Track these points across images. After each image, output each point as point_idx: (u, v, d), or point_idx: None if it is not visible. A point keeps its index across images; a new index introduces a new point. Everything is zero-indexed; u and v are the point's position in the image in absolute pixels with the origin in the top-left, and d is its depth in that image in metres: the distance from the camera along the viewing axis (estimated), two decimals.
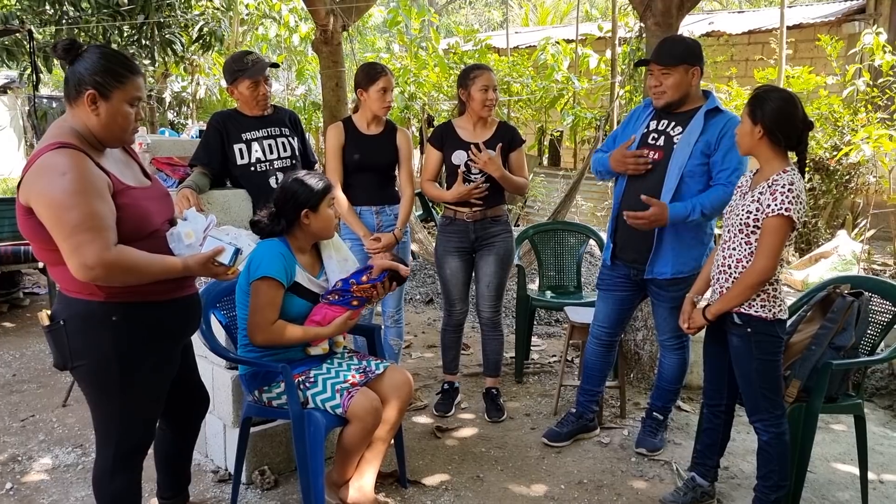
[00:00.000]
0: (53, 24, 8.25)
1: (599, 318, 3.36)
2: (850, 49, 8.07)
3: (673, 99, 3.03)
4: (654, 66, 3.03)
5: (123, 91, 1.99)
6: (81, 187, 1.86)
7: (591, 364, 3.40)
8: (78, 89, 1.97)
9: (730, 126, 2.94)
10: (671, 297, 3.11)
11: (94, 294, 2.00)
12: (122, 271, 1.91)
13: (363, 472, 2.69)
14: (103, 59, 1.98)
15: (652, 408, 3.38)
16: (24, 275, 6.11)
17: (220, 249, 2.07)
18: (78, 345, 2.03)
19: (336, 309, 2.68)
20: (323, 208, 2.67)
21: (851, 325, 2.75)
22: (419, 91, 9.22)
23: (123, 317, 2.03)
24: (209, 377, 3.09)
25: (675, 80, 2.99)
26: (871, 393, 4.04)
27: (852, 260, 6.26)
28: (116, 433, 2.12)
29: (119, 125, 2.02)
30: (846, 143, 6.80)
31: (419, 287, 6.50)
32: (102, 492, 2.17)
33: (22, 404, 3.85)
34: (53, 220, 1.86)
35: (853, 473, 3.11)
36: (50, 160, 1.88)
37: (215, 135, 3.37)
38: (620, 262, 3.22)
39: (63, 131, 1.97)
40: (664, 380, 3.33)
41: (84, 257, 1.85)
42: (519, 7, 21.24)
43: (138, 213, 2.03)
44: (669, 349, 3.28)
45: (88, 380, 2.09)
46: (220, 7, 9.53)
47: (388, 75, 3.51)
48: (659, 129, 3.10)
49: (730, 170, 2.94)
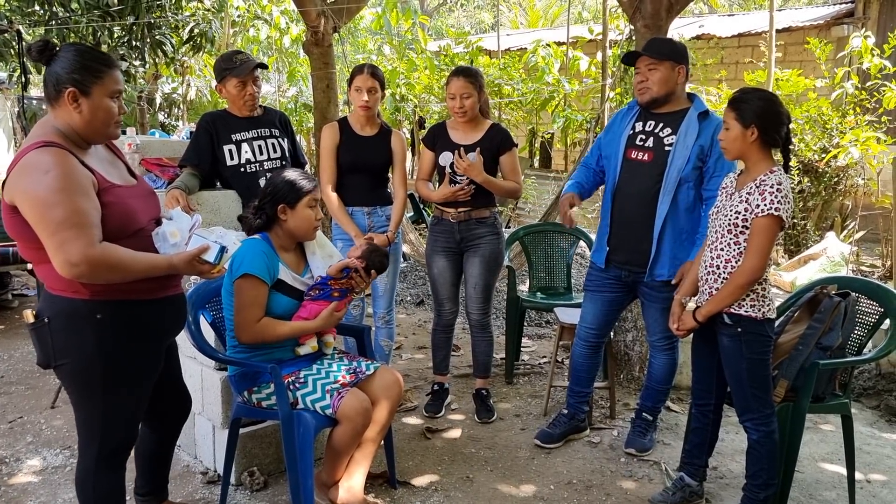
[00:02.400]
0: (43, 24, 8.19)
1: (587, 319, 3.36)
2: (839, 52, 8.13)
3: (658, 95, 3.03)
4: (641, 59, 3.03)
5: (102, 86, 2.00)
6: (65, 185, 1.87)
7: (579, 365, 3.41)
8: (57, 89, 1.97)
9: (719, 130, 2.96)
10: (663, 298, 3.12)
11: (78, 292, 1.99)
12: (107, 268, 1.91)
13: (353, 472, 2.69)
14: (78, 56, 1.99)
15: (641, 408, 3.39)
16: (12, 276, 6.07)
17: (205, 247, 2.07)
18: (61, 343, 2.03)
19: (320, 303, 2.68)
20: (301, 207, 2.65)
21: (838, 325, 2.77)
22: (410, 93, 9.22)
23: (108, 315, 2.03)
24: (198, 378, 3.09)
25: (661, 75, 3.00)
26: (858, 393, 4.06)
27: (841, 262, 6.30)
28: (100, 433, 2.11)
29: (102, 120, 2.02)
30: (835, 145, 6.85)
31: (410, 289, 6.50)
32: (86, 493, 2.16)
33: (10, 406, 3.83)
34: (38, 217, 1.87)
35: (840, 473, 3.13)
36: (34, 158, 1.89)
37: (205, 135, 3.36)
38: (614, 265, 3.22)
39: (47, 130, 1.98)
40: (654, 380, 3.33)
41: (68, 254, 1.85)
42: (509, 10, 21.29)
43: (123, 210, 2.03)
44: (660, 350, 3.29)
45: (72, 378, 2.09)
46: (210, 8, 9.50)
47: (364, 75, 3.47)
48: (646, 130, 3.10)
49: (721, 176, 2.93)
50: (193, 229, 2.12)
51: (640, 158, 3.08)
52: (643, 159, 3.07)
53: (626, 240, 3.14)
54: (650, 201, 3.05)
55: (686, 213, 3.06)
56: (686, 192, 3.03)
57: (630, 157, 3.12)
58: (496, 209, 3.69)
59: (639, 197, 3.08)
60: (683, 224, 3.06)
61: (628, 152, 3.12)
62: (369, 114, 3.55)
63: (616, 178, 3.15)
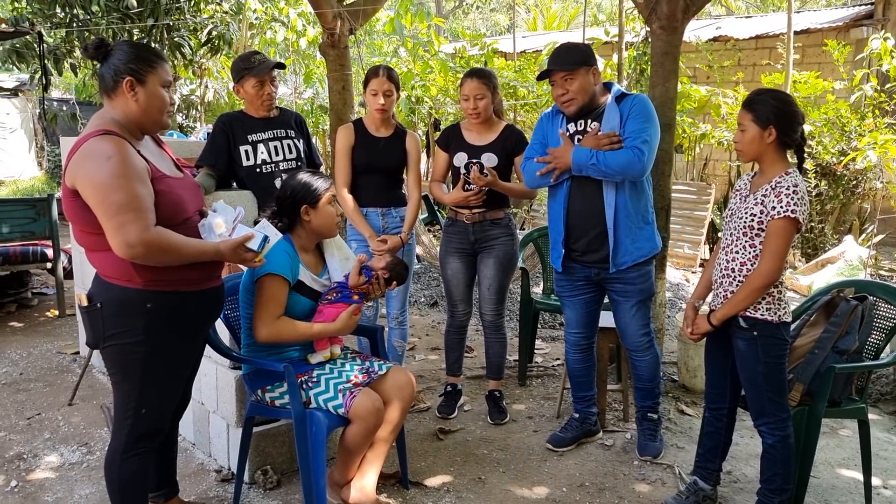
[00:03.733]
0: (63, 26, 8.30)
1: (571, 324, 3.37)
2: (858, 54, 8.06)
3: (583, 102, 3.05)
4: (556, 74, 3.04)
5: (156, 75, 2.16)
6: (125, 171, 2.00)
7: (577, 371, 3.41)
8: (115, 79, 2.12)
9: (636, 102, 3.02)
10: (633, 290, 3.14)
11: (131, 281, 2.12)
12: (161, 251, 2.03)
13: (365, 472, 2.70)
14: (133, 49, 2.16)
15: (642, 409, 3.37)
16: (32, 275, 6.15)
17: (249, 236, 2.20)
18: (112, 327, 2.15)
19: (338, 306, 2.70)
20: (323, 205, 2.69)
21: (855, 328, 2.75)
22: (425, 95, 9.23)
23: (156, 305, 2.15)
24: (213, 377, 3.11)
25: (580, 83, 3.02)
26: (875, 398, 4.02)
27: (859, 265, 6.24)
28: (133, 415, 2.22)
29: (157, 107, 2.17)
30: (853, 148, 6.78)
31: (423, 290, 6.51)
32: (112, 473, 2.26)
33: (28, 402, 3.88)
34: (99, 200, 1.99)
35: (857, 479, 3.10)
36: (95, 146, 2.02)
37: (222, 136, 3.40)
38: (577, 264, 3.22)
39: (105, 121, 2.12)
40: (643, 380, 3.31)
41: (127, 236, 1.97)
42: (527, 11, 21.25)
43: (173, 199, 2.16)
44: (641, 349, 3.25)
45: (115, 360, 2.20)
46: (228, 11, 9.58)
47: (380, 78, 3.49)
48: (579, 129, 3.13)
49: (634, 134, 2.96)
50: (237, 221, 2.23)
51: None
52: None
53: (583, 237, 3.14)
54: (598, 195, 3.06)
55: (634, 196, 3.07)
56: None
57: None
58: (510, 210, 3.69)
59: (587, 193, 3.09)
60: (634, 207, 3.07)
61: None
62: (385, 116, 3.56)
63: (568, 184, 3.13)
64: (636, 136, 2.96)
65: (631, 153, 2.94)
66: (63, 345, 4.86)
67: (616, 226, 3.07)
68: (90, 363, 4.07)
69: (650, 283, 3.20)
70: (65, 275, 5.64)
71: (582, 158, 2.99)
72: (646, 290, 3.18)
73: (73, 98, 13.51)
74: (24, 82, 14.74)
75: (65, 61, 8.66)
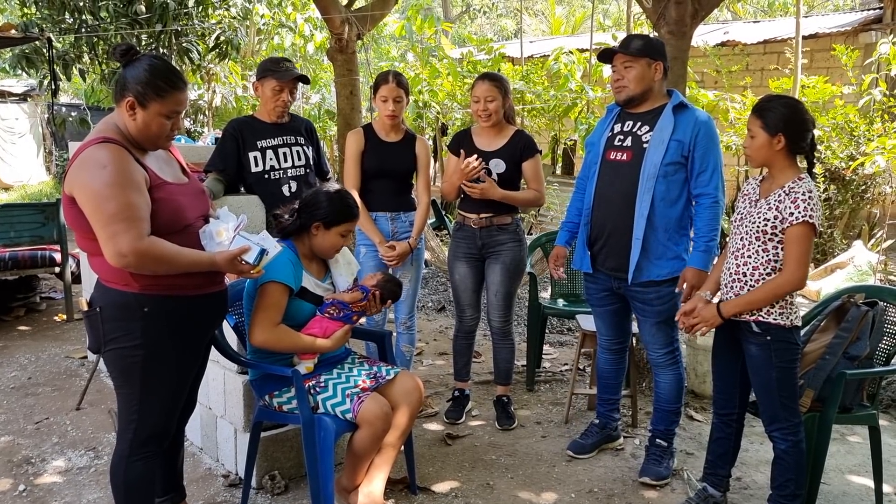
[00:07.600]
0: (73, 32, 8.35)
1: (601, 330, 3.34)
2: (867, 59, 8.01)
3: (635, 93, 2.96)
4: (616, 56, 2.97)
5: (161, 104, 2.12)
6: (119, 180, 2.00)
7: (605, 372, 3.38)
8: (121, 93, 2.12)
9: (702, 124, 2.90)
10: (655, 306, 3.02)
11: (129, 285, 2.12)
12: (153, 260, 2.03)
13: (373, 477, 2.69)
14: (149, 71, 2.11)
15: (654, 434, 3.19)
16: (40, 279, 6.17)
17: (246, 248, 2.17)
18: (111, 331, 2.15)
19: (337, 324, 2.70)
20: (334, 232, 2.69)
21: (866, 334, 2.73)
22: (433, 100, 9.25)
23: (154, 308, 2.14)
24: (220, 381, 3.11)
25: (637, 72, 2.93)
26: (886, 405, 3.99)
27: (868, 270, 6.21)
28: (137, 418, 2.22)
29: (154, 133, 2.15)
30: (862, 153, 6.75)
31: (431, 295, 6.50)
32: (117, 477, 2.26)
33: (36, 407, 3.89)
34: (92, 209, 2.00)
35: (868, 486, 3.08)
36: (93, 154, 2.03)
37: (231, 141, 3.41)
38: (601, 272, 3.14)
39: (108, 127, 2.13)
40: (662, 401, 3.16)
41: (118, 245, 1.97)
42: (536, 16, 21.26)
43: (173, 207, 2.15)
44: (663, 366, 3.14)
45: (116, 363, 2.20)
46: (236, 16, 9.62)
47: (390, 84, 3.49)
48: (624, 130, 3.03)
49: (709, 171, 2.89)
50: (238, 229, 2.20)
51: (618, 159, 3.00)
52: (622, 159, 2.99)
53: (608, 243, 3.05)
54: (630, 202, 2.95)
55: (669, 209, 2.94)
56: (667, 187, 2.91)
57: (609, 159, 3.04)
58: (518, 216, 3.69)
59: (619, 198, 2.98)
60: (668, 220, 2.94)
61: (607, 154, 3.04)
62: (395, 122, 3.57)
63: (596, 180, 3.07)
64: (712, 173, 2.87)
65: (713, 211, 2.89)
66: (71, 349, 4.87)
67: (646, 237, 2.94)
68: (98, 367, 4.07)
69: (669, 305, 3.01)
70: (73, 279, 5.66)
71: (706, 266, 2.89)
72: (664, 313, 3.02)
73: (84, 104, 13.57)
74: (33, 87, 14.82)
75: (73, 66, 8.70)
